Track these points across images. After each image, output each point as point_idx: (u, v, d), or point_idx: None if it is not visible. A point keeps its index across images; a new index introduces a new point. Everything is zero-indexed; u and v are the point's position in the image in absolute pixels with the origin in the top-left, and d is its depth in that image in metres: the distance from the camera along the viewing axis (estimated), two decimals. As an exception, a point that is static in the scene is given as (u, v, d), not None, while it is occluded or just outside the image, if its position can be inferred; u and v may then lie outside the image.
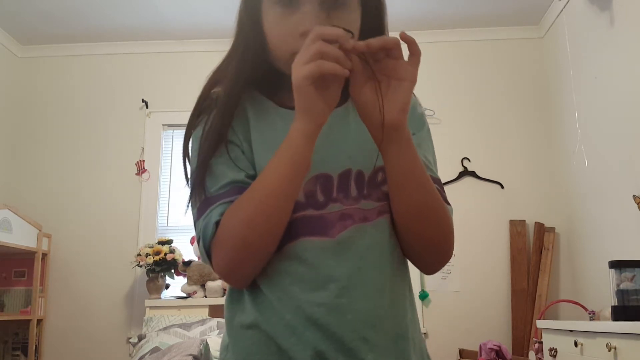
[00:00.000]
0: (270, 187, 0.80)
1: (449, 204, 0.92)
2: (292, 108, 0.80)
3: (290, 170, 0.79)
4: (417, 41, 0.78)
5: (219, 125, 0.88)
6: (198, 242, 0.86)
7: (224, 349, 0.91)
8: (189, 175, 0.91)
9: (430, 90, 3.97)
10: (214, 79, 0.95)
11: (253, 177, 0.86)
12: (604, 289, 2.93)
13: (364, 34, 0.87)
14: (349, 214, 0.86)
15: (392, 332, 0.86)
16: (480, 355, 3.42)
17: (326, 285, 0.83)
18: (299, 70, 0.74)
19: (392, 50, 0.76)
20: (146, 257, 3.61)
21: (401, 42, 0.77)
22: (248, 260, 0.83)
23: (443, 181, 1.01)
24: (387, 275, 0.87)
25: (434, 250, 0.90)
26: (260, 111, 0.91)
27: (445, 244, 0.90)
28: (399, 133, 0.80)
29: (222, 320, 3.24)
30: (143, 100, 4.17)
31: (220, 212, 0.83)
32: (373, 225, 0.87)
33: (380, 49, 0.76)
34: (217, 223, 0.83)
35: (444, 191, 0.94)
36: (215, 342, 2.91)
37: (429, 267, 0.93)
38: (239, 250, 0.82)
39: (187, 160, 0.92)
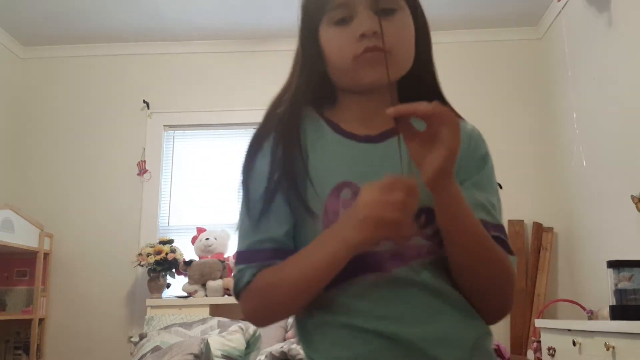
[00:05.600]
0: (297, 283, 0.84)
1: (512, 253, 0.91)
2: (346, 134, 0.86)
3: (325, 274, 0.83)
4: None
5: (284, 160, 0.90)
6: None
7: None
8: (244, 200, 0.93)
9: (429, 90, 3.99)
10: (278, 99, 0.97)
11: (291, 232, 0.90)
12: (602, 289, 2.94)
13: (417, 40, 0.93)
14: (400, 252, 0.86)
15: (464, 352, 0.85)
16: (479, 354, 3.44)
17: (382, 320, 0.84)
18: (371, 230, 0.77)
19: (429, 117, 0.78)
20: (147, 256, 3.63)
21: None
22: (269, 322, 0.93)
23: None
24: (450, 302, 0.87)
25: (490, 303, 0.89)
26: (316, 133, 0.93)
27: (501, 297, 0.89)
28: (437, 192, 0.81)
29: (223, 319, 3.26)
30: (144, 101, 4.18)
31: (253, 273, 0.88)
32: (427, 262, 0.87)
33: (412, 115, 0.78)
34: (247, 284, 0.89)
35: (506, 237, 0.92)
36: (215, 341, 2.93)
37: (486, 317, 0.91)
38: (262, 316, 0.92)
39: (246, 183, 0.93)
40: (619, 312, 2.34)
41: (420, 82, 0.97)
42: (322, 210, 0.87)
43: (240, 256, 0.91)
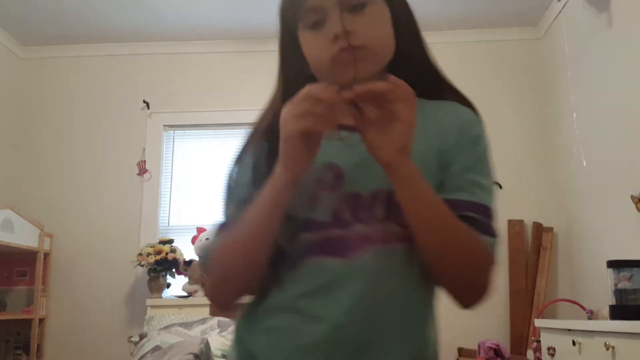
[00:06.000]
0: (246, 227, 0.87)
1: (493, 235, 0.89)
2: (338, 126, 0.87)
3: (267, 213, 0.85)
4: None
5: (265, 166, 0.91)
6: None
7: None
8: (225, 199, 0.97)
9: (429, 90, 3.99)
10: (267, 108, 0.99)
11: None
12: (602, 289, 2.94)
13: (398, 32, 0.92)
14: (369, 235, 0.87)
15: (404, 356, 0.89)
16: (479, 354, 3.44)
17: (335, 304, 0.86)
18: (290, 124, 0.79)
19: (384, 94, 0.79)
20: (147, 256, 3.63)
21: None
22: (224, 289, 0.92)
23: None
24: (398, 299, 0.88)
25: (462, 286, 0.90)
26: None
27: (472, 281, 0.89)
28: (398, 171, 0.82)
29: (223, 319, 3.26)
30: (144, 101, 4.19)
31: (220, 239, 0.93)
32: (391, 249, 0.88)
33: (369, 94, 0.79)
34: (213, 248, 0.93)
35: (489, 219, 0.90)
36: (216, 341, 2.93)
37: (462, 302, 0.92)
38: (217, 279, 0.92)
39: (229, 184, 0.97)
40: (618, 312, 2.34)
41: (415, 65, 0.97)
42: (301, 191, 0.88)
43: (215, 230, 0.95)
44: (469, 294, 0.91)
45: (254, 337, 0.91)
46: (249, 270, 0.89)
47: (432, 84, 0.99)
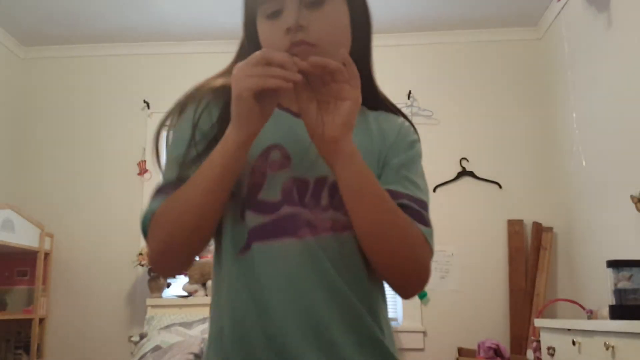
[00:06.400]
0: (198, 189, 0.84)
1: (428, 225, 0.90)
2: (282, 107, 0.88)
3: (219, 174, 0.83)
4: (417, 42, 0.81)
5: (216, 118, 0.93)
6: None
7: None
8: (167, 149, 0.95)
9: (429, 90, 4.00)
10: (207, 80, 1.01)
11: None
12: (601, 288, 2.95)
13: (353, 30, 0.93)
14: (314, 224, 0.87)
15: (350, 340, 0.86)
16: (479, 354, 3.45)
17: (295, 285, 0.85)
18: (242, 82, 0.77)
19: (334, 73, 0.80)
20: (148, 256, 3.63)
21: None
22: (171, 254, 0.88)
23: (441, 181, 1.02)
24: (338, 291, 0.86)
25: (398, 273, 0.89)
26: None
27: (410, 267, 0.88)
28: (340, 146, 0.82)
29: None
30: (144, 101, 4.19)
31: (160, 202, 0.88)
32: (339, 237, 0.87)
33: (322, 69, 0.80)
34: (154, 213, 0.88)
35: (425, 211, 0.91)
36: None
37: (399, 290, 0.91)
38: (164, 244, 0.87)
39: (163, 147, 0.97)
40: (618, 311, 2.34)
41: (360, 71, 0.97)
42: (249, 171, 0.88)
43: (153, 194, 0.91)
44: (408, 282, 0.90)
45: (220, 323, 0.89)
46: (198, 236, 0.86)
47: (370, 94, 0.98)
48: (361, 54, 0.96)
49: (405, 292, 0.92)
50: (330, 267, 0.86)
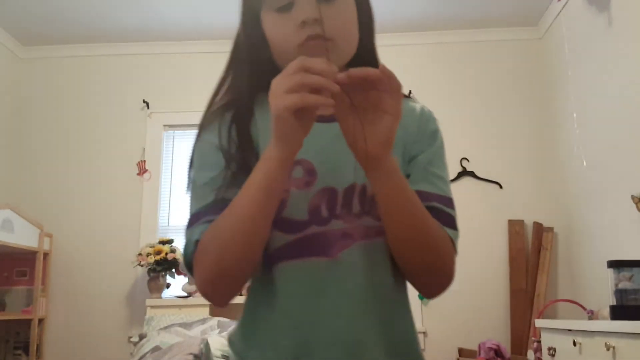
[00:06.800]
0: (243, 213, 0.80)
1: (454, 227, 0.91)
2: None
3: (264, 197, 0.79)
4: (417, 42, 0.79)
5: (236, 136, 0.90)
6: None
7: None
8: (190, 181, 0.92)
9: (429, 90, 3.99)
10: (214, 98, 0.97)
11: None
12: (602, 289, 2.94)
13: (359, 25, 0.91)
14: (350, 233, 0.86)
15: (387, 351, 0.87)
16: (479, 355, 3.44)
17: (323, 305, 0.85)
18: (281, 100, 0.72)
19: (374, 82, 0.75)
20: (147, 256, 3.63)
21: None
22: (223, 282, 0.84)
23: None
24: (385, 294, 0.88)
25: (428, 276, 0.89)
26: (267, 113, 0.92)
27: (440, 271, 0.89)
28: (381, 164, 0.79)
29: (223, 319, 3.26)
30: (144, 101, 4.19)
31: (202, 231, 0.84)
32: (372, 244, 0.87)
33: (362, 80, 0.74)
34: (198, 241, 0.84)
35: (452, 209, 0.92)
36: (215, 342, 2.93)
37: (426, 291, 0.92)
38: (214, 272, 0.83)
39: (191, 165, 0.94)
40: (619, 312, 2.34)
41: (367, 65, 0.97)
42: None
43: (189, 221, 0.87)
44: (435, 285, 0.91)
45: (248, 350, 0.89)
46: (248, 261, 0.83)
47: None
48: (368, 49, 0.95)
49: (429, 293, 0.92)
50: (362, 282, 0.86)
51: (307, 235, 0.85)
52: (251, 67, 0.94)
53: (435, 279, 0.90)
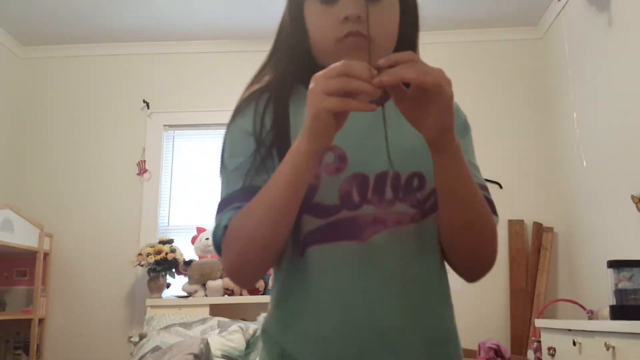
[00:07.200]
0: (270, 202, 0.81)
1: (496, 214, 0.92)
2: None
3: (292, 189, 0.80)
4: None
5: (271, 121, 0.91)
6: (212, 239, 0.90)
7: None
8: (222, 165, 0.94)
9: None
10: (255, 79, 0.98)
11: None
12: (602, 289, 2.94)
13: (402, 29, 0.91)
14: (382, 218, 0.86)
15: (424, 338, 0.87)
16: (479, 354, 3.44)
17: (356, 290, 0.85)
18: (321, 100, 0.72)
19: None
20: (147, 256, 3.63)
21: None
22: (249, 267, 0.87)
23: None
24: (418, 280, 0.88)
25: (478, 261, 0.90)
26: (301, 102, 0.87)
27: (489, 255, 0.90)
28: (440, 147, 0.79)
29: (223, 319, 3.26)
30: (144, 101, 4.19)
31: (230, 217, 0.87)
32: (405, 231, 0.87)
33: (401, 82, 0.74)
34: (226, 227, 0.86)
35: (490, 195, 0.93)
36: (215, 341, 2.93)
37: (470, 276, 0.93)
38: (241, 257, 0.86)
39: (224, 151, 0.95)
40: (619, 312, 2.34)
41: None
42: None
43: (219, 206, 0.90)
44: (479, 269, 0.92)
45: (285, 335, 0.89)
46: (272, 248, 0.85)
47: None
48: (407, 48, 0.94)
49: (472, 277, 0.93)
50: (394, 267, 0.86)
51: (338, 219, 0.86)
52: (291, 56, 0.94)
53: (481, 263, 0.91)
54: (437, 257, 0.91)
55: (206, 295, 3.61)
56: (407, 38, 0.94)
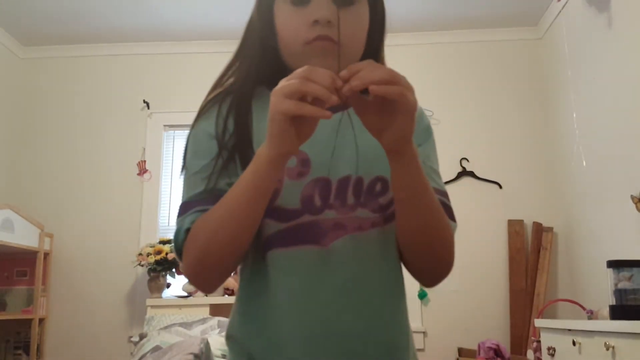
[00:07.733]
0: (233, 208, 0.81)
1: (454, 220, 0.93)
2: None
3: (253, 194, 0.80)
4: (417, 42, 0.79)
5: (232, 124, 0.91)
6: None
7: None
8: (183, 168, 0.93)
9: (429, 91, 3.99)
10: (220, 81, 0.98)
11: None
12: (602, 289, 2.94)
13: (370, 35, 0.91)
14: (343, 223, 0.86)
15: (385, 344, 0.88)
16: (479, 354, 3.44)
17: (315, 295, 0.85)
18: (279, 103, 0.71)
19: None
20: (147, 256, 3.63)
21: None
22: (210, 272, 0.86)
23: (442, 181, 1.01)
24: (377, 286, 0.88)
25: (434, 267, 0.91)
26: (264, 106, 0.86)
27: (445, 261, 0.90)
28: (399, 155, 0.78)
29: (223, 319, 3.26)
30: (144, 101, 4.19)
31: (192, 220, 0.86)
32: (366, 236, 0.87)
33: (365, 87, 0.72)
34: (188, 230, 0.86)
35: (449, 201, 0.93)
36: (216, 341, 2.93)
37: (428, 281, 0.93)
38: (202, 262, 0.85)
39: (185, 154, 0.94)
40: (618, 312, 2.34)
41: None
42: None
43: (180, 209, 0.89)
44: (437, 274, 0.92)
45: (250, 340, 0.89)
46: (234, 252, 0.85)
47: None
48: (375, 53, 0.95)
49: (431, 284, 0.93)
50: (354, 272, 0.86)
51: (299, 223, 0.85)
52: (257, 56, 0.93)
53: (439, 268, 0.90)
54: (399, 262, 0.92)
55: (206, 295, 3.61)
56: (374, 44, 0.94)
